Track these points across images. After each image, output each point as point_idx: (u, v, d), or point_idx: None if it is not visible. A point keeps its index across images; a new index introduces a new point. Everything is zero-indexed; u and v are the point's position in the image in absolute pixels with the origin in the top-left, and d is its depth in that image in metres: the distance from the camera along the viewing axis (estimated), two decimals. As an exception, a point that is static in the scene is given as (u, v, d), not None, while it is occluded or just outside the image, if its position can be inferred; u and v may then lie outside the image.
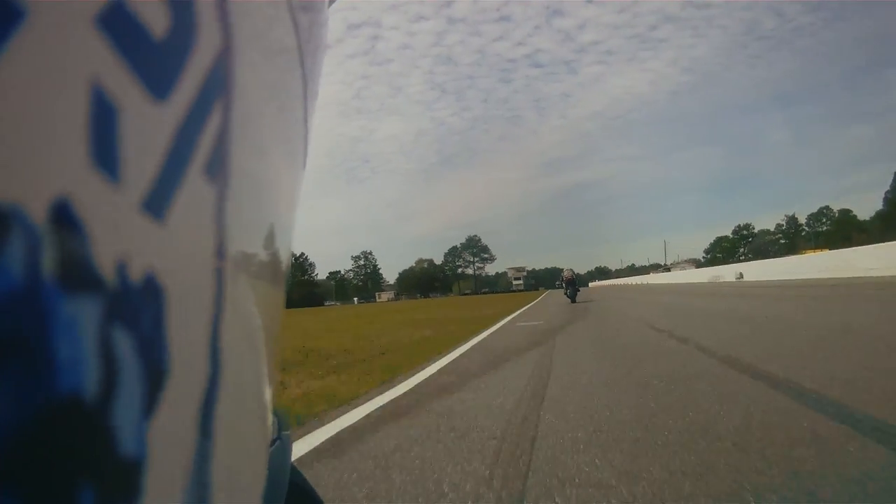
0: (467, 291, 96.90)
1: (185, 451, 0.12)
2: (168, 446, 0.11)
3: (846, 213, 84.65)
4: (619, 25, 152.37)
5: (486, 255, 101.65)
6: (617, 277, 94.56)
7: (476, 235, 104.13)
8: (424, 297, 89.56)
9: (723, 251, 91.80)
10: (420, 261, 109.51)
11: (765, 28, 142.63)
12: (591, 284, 73.47)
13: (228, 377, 0.14)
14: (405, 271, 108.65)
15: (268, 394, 0.20)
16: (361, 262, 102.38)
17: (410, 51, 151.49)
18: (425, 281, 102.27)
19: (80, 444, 0.09)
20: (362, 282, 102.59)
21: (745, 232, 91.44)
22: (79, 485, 0.09)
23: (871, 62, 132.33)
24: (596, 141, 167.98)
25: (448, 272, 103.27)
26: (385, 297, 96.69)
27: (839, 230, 78.51)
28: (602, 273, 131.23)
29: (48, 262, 0.08)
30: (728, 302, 7.97)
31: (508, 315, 8.94)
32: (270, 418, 0.21)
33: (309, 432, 1.87)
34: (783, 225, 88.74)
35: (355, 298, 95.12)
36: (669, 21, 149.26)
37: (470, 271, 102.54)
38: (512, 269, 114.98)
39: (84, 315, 0.09)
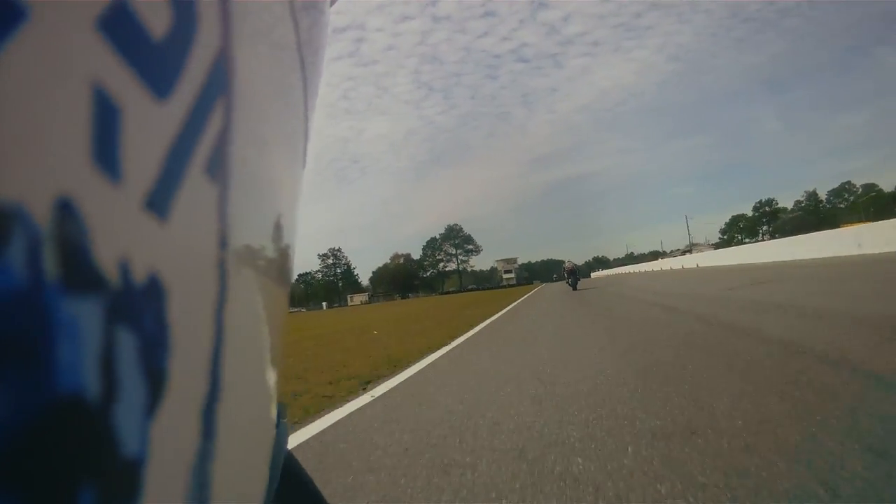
0: (451, 290, 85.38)
1: (187, 450, 0.12)
2: (171, 446, 0.11)
3: (871, 188, 75.30)
4: (604, 15, 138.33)
5: (469, 247, 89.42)
6: (618, 266, 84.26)
7: (457, 224, 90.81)
8: (403, 298, 78.34)
9: (742, 231, 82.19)
10: (396, 256, 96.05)
11: (750, 10, 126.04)
12: (592, 275, 65.27)
13: (232, 376, 0.14)
14: (379, 269, 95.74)
15: (272, 389, 0.19)
16: (330, 262, 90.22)
17: (395, 51, 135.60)
18: (402, 279, 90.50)
19: (83, 445, 0.09)
20: (333, 283, 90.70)
21: (766, 208, 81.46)
22: (81, 485, 0.09)
23: (861, 44, 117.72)
24: (586, 134, 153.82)
25: (429, 267, 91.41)
26: (358, 299, 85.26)
27: (874, 202, 69.91)
28: (601, 263, 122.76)
29: (50, 261, 0.08)
30: None
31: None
32: (274, 413, 0.21)
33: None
34: (802, 202, 79.06)
35: (323, 303, 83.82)
36: (654, 8, 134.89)
37: (454, 266, 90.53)
38: (501, 261, 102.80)
39: (86, 314, 0.09)
